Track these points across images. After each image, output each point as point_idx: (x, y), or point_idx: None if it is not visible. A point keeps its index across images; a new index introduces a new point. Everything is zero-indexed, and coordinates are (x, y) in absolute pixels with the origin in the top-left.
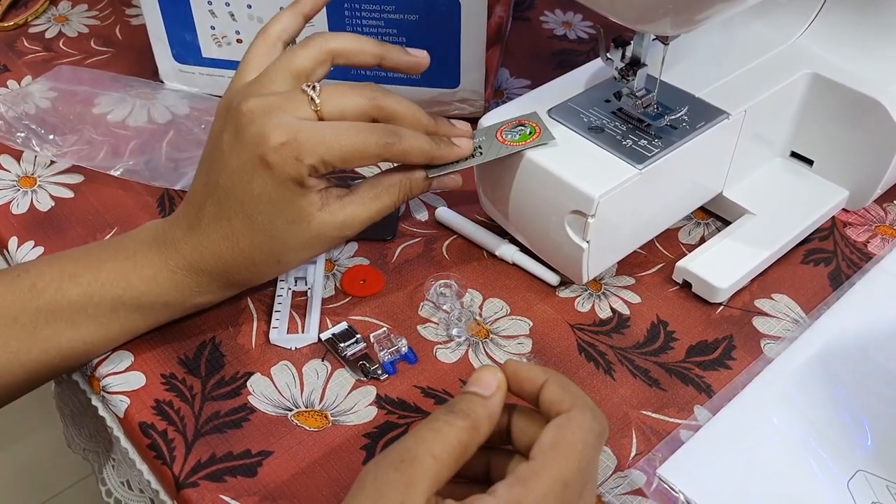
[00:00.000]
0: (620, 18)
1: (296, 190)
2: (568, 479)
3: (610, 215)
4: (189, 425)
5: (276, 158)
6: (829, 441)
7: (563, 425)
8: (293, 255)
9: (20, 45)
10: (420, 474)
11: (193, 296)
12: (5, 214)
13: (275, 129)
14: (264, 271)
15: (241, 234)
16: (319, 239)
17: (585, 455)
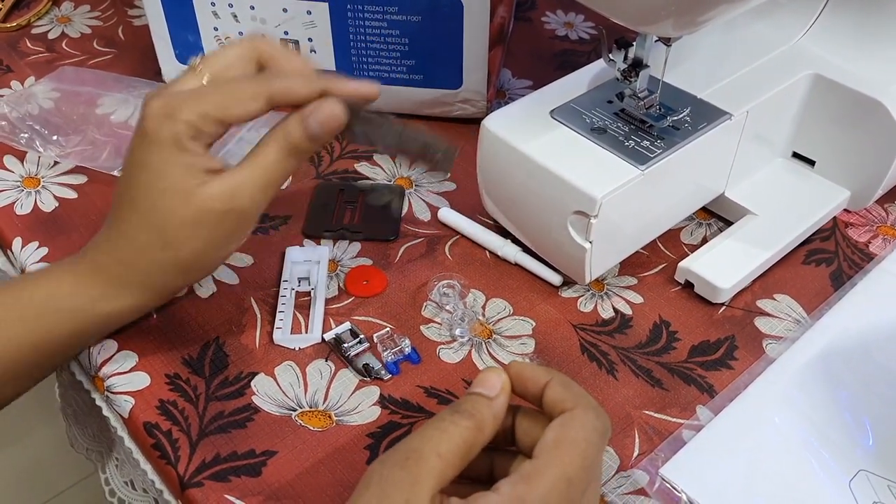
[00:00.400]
0: (623, 20)
1: (172, 153)
2: (571, 477)
3: (612, 216)
4: (193, 425)
5: (151, 123)
6: (831, 441)
7: (566, 423)
8: (181, 234)
9: (23, 45)
10: (425, 473)
11: (99, 302)
12: (9, 215)
13: (155, 99)
14: (155, 260)
15: (126, 217)
16: (208, 215)
17: (589, 453)
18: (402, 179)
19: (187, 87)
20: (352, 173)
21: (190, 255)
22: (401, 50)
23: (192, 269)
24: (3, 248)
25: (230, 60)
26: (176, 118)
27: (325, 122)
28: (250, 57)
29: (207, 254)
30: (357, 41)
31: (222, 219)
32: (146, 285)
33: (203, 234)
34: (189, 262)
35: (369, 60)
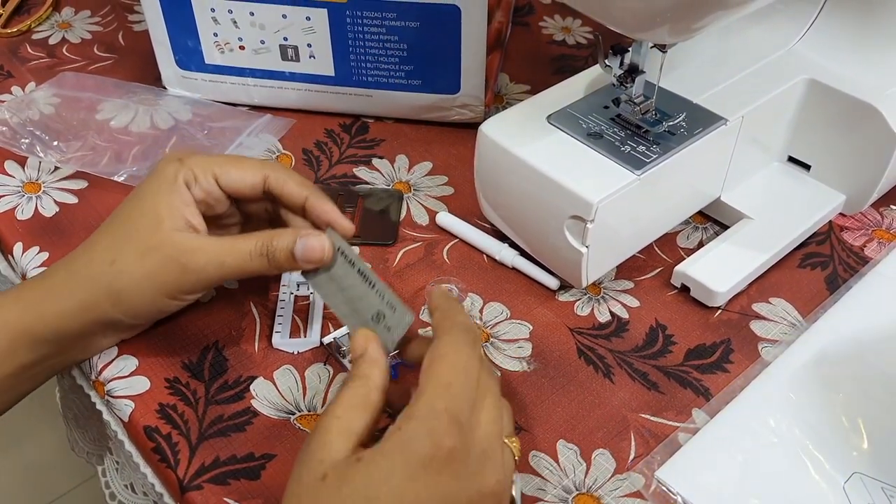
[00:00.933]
0: (618, 27)
1: (166, 187)
2: (450, 380)
3: (609, 220)
4: (193, 429)
5: (163, 162)
6: (826, 443)
7: (435, 345)
8: (129, 257)
9: (24, 51)
10: (331, 435)
11: (36, 306)
12: (10, 220)
13: (179, 150)
14: (102, 271)
15: (103, 227)
16: (156, 251)
17: (460, 360)
18: (400, 184)
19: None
20: (350, 178)
21: (127, 281)
22: (399, 55)
23: (123, 300)
24: (4, 254)
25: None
26: (183, 162)
27: (309, 250)
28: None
29: (141, 289)
30: (356, 47)
31: (168, 263)
32: (80, 299)
33: (147, 266)
34: (123, 289)
35: (368, 66)
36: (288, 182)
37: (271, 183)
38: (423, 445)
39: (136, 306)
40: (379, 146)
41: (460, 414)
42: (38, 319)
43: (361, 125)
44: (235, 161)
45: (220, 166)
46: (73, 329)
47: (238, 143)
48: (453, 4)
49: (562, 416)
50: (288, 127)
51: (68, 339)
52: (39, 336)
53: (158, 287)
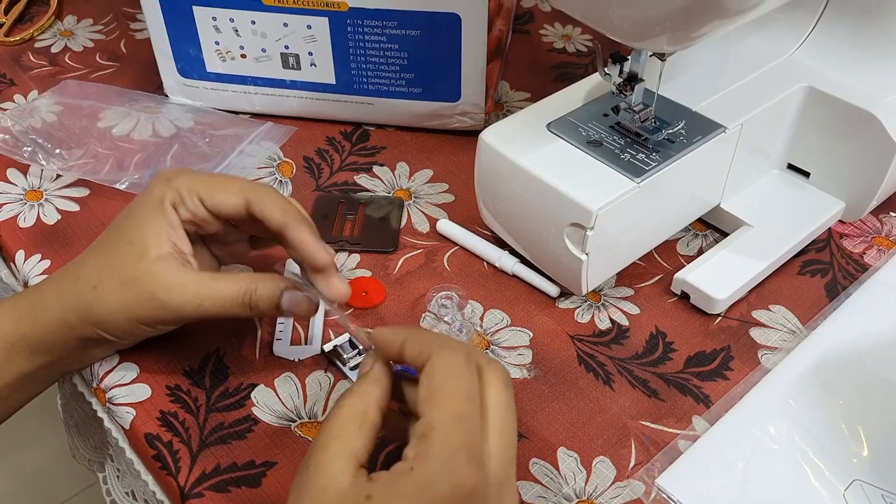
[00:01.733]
0: (618, 36)
1: (154, 211)
2: (459, 412)
3: (608, 228)
4: (194, 436)
5: (153, 182)
6: (826, 451)
7: (430, 373)
8: (110, 286)
9: (26, 59)
10: (329, 457)
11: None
12: (12, 228)
13: (170, 169)
14: (83, 297)
15: (91, 249)
16: (136, 284)
17: (461, 386)
18: (401, 191)
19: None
20: (351, 185)
21: (104, 309)
22: (400, 63)
23: (103, 324)
24: (6, 261)
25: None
26: (170, 183)
27: (296, 304)
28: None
29: (118, 318)
30: (357, 55)
31: (146, 298)
32: (64, 315)
33: (126, 297)
34: (102, 314)
35: (368, 74)
36: (267, 208)
37: (252, 208)
38: (443, 488)
39: (115, 329)
40: (380, 153)
41: (476, 449)
42: (32, 329)
43: (362, 133)
44: (221, 183)
45: (205, 188)
46: (64, 341)
47: (239, 151)
48: (454, 13)
49: (562, 423)
50: (289, 134)
51: (61, 349)
52: (35, 345)
53: (135, 318)
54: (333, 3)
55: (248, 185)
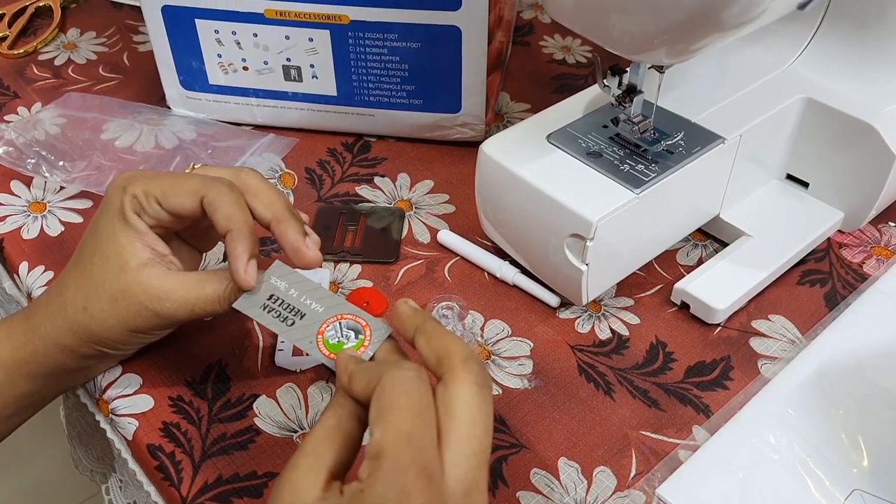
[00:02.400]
0: (617, 49)
1: (118, 222)
2: (408, 430)
3: (608, 238)
4: (196, 447)
5: (110, 190)
6: (826, 460)
7: (378, 394)
8: (100, 304)
9: (30, 72)
10: (299, 475)
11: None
12: (16, 240)
13: (125, 173)
14: (75, 319)
15: (68, 271)
16: (125, 297)
17: (410, 403)
18: (402, 202)
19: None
20: (353, 196)
21: (100, 327)
22: (401, 75)
23: (101, 340)
24: (9, 273)
25: (215, 171)
26: (126, 190)
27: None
28: (232, 178)
29: (116, 331)
30: (358, 67)
31: (139, 309)
32: (59, 340)
33: (118, 311)
34: (98, 331)
35: (370, 86)
36: (219, 209)
37: (208, 207)
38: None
39: (113, 342)
40: (381, 164)
41: (428, 465)
42: (33, 356)
43: (363, 144)
44: (173, 184)
45: (160, 192)
46: (65, 362)
47: (242, 163)
48: (454, 25)
49: (563, 433)
50: (291, 146)
51: (62, 370)
52: (36, 369)
53: (132, 329)
54: (335, 15)
55: (202, 184)
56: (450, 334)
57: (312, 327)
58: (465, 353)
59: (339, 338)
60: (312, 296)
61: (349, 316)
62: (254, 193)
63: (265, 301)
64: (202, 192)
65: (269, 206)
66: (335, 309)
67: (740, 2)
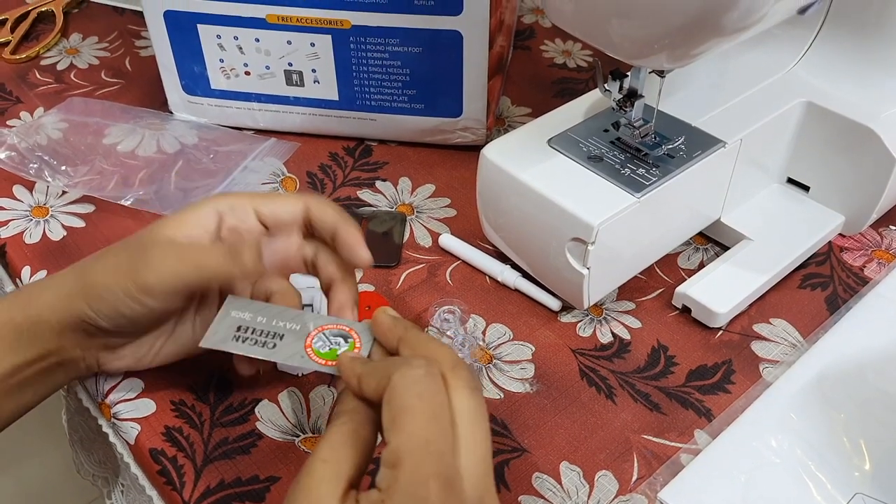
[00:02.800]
0: (617, 54)
1: (185, 213)
2: (426, 437)
3: (609, 242)
4: (198, 451)
5: (205, 198)
6: (828, 464)
7: (390, 399)
8: (109, 253)
9: (32, 77)
10: (315, 482)
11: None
12: (18, 244)
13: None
14: (84, 264)
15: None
16: (134, 243)
17: (425, 406)
18: (403, 206)
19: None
20: (354, 200)
21: (99, 271)
22: (402, 80)
23: (89, 290)
24: (11, 277)
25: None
26: (224, 196)
27: (273, 251)
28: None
29: (106, 278)
30: (359, 72)
31: (135, 248)
32: (65, 289)
33: (118, 254)
34: (94, 279)
35: (371, 90)
36: (327, 209)
37: (312, 209)
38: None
39: (100, 299)
40: (382, 169)
41: (448, 473)
42: (22, 310)
43: (365, 148)
44: (275, 194)
45: (260, 197)
46: (52, 322)
47: (243, 167)
48: (455, 30)
49: (564, 437)
50: (293, 150)
51: (47, 333)
52: (21, 328)
53: (120, 278)
54: (336, 20)
55: (301, 193)
56: (434, 341)
57: (298, 343)
58: (452, 360)
59: (330, 346)
60: (283, 317)
61: (330, 326)
62: (324, 205)
63: (234, 333)
64: (304, 198)
65: (338, 213)
66: (314, 322)
67: (741, 6)
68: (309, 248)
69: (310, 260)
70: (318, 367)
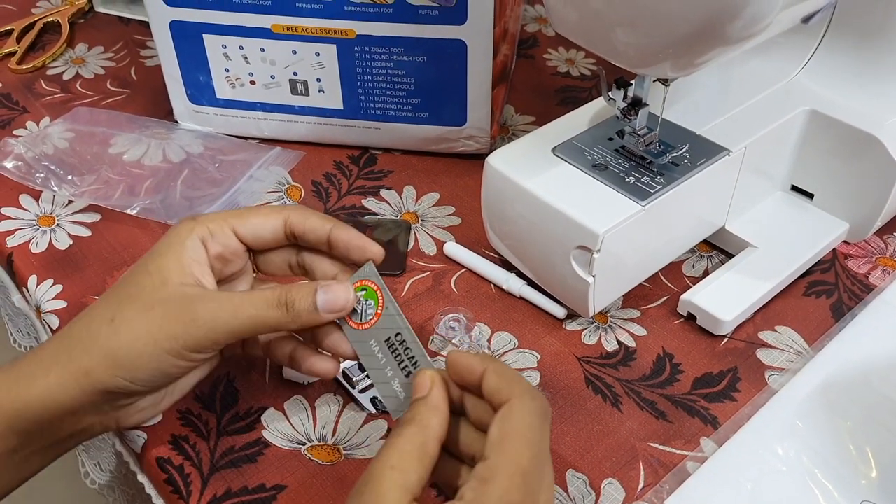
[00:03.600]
0: (622, 63)
1: (175, 246)
2: (525, 467)
3: (614, 250)
4: (205, 460)
5: (178, 223)
6: (834, 472)
7: (506, 416)
8: (130, 312)
9: (38, 87)
10: (385, 489)
11: (17, 382)
12: (25, 253)
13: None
14: (93, 332)
15: (104, 294)
16: (163, 304)
17: (534, 439)
18: (408, 215)
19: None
20: (359, 209)
21: (126, 338)
22: (406, 89)
23: (121, 359)
24: (18, 287)
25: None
26: (197, 220)
27: (332, 299)
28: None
29: (142, 346)
30: (364, 81)
31: (175, 313)
32: (74, 365)
33: (151, 319)
34: (121, 346)
35: (376, 99)
36: (310, 217)
37: (293, 222)
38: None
39: (136, 366)
40: (387, 177)
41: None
42: (25, 391)
43: (370, 157)
44: (252, 210)
45: (237, 217)
46: (64, 403)
47: (249, 176)
48: (459, 39)
49: (570, 445)
50: (298, 159)
51: (55, 414)
52: (22, 413)
53: (162, 342)
54: (341, 30)
55: (281, 206)
56: (521, 378)
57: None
58: (546, 405)
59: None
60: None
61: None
62: (306, 215)
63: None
64: (284, 211)
65: (324, 218)
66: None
67: (745, 16)
68: (289, 254)
69: (294, 263)
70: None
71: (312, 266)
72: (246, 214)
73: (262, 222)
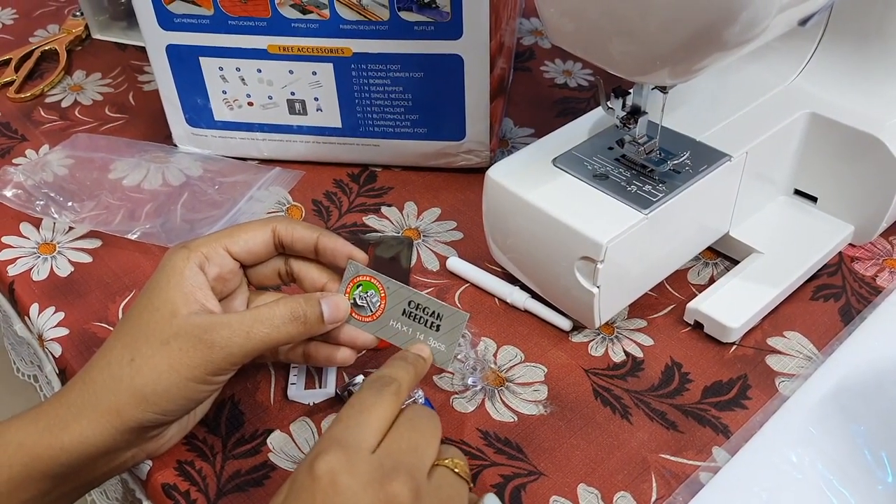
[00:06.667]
0: (619, 71)
1: (174, 278)
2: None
3: (619, 260)
4: (211, 485)
5: (169, 252)
6: (850, 478)
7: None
8: (149, 350)
9: (37, 115)
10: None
11: (46, 431)
12: (26, 281)
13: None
14: (116, 375)
15: (114, 333)
16: (178, 337)
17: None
18: (410, 231)
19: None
20: (360, 226)
21: (150, 375)
22: (404, 105)
23: (149, 397)
24: (20, 315)
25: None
26: (189, 248)
27: (335, 308)
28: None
29: (167, 379)
30: (362, 98)
31: (192, 344)
32: (103, 407)
33: (170, 353)
34: (147, 383)
35: (374, 116)
36: (296, 227)
37: (281, 233)
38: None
39: (164, 399)
40: (387, 194)
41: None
42: (59, 438)
43: (369, 174)
44: (240, 227)
45: (227, 237)
46: (99, 444)
47: (249, 197)
48: (456, 54)
49: (581, 459)
50: (297, 179)
51: (91, 456)
52: (58, 458)
53: (184, 373)
54: (337, 49)
55: (267, 219)
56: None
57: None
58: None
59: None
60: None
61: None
62: (293, 225)
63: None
64: (271, 223)
65: (310, 227)
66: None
67: (742, 20)
68: (278, 262)
69: (284, 271)
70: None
71: (301, 273)
72: (235, 232)
73: (251, 237)
